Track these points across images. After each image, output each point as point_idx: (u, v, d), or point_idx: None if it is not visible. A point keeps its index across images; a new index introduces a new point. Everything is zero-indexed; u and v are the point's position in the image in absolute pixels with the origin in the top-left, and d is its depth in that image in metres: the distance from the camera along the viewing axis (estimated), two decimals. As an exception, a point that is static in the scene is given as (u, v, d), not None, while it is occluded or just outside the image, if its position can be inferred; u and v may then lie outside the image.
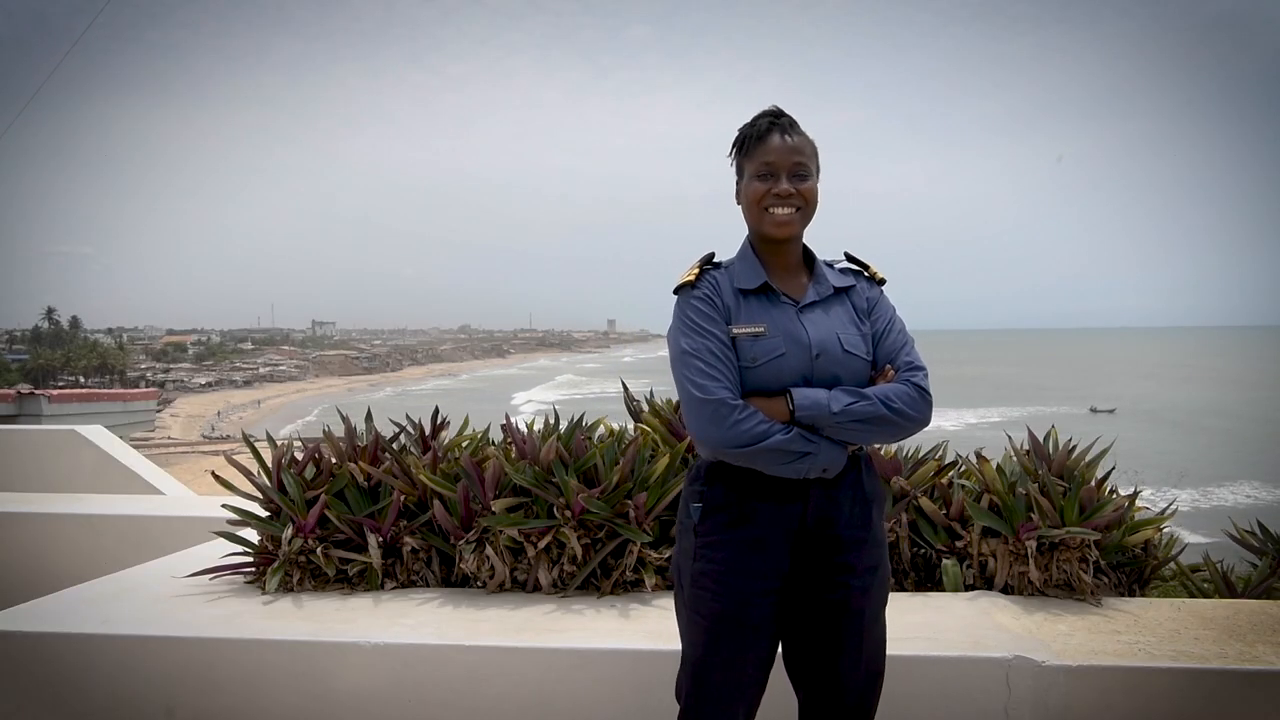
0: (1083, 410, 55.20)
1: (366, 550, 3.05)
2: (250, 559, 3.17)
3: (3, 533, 4.57)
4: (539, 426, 3.29)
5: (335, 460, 3.33)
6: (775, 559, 1.88)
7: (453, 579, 3.12)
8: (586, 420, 3.33)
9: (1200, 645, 2.51)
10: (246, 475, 3.33)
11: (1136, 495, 3.20)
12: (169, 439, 53.31)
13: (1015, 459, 3.26)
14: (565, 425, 3.23)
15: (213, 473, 3.73)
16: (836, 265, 2.08)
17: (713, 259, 2.02)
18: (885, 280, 2.09)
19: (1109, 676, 2.39)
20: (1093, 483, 3.11)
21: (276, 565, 3.04)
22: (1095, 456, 3.23)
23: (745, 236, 2.03)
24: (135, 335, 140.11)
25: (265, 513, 3.23)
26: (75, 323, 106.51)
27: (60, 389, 52.39)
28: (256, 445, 3.62)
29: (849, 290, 2.03)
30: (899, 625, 2.60)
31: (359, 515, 3.12)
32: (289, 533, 3.04)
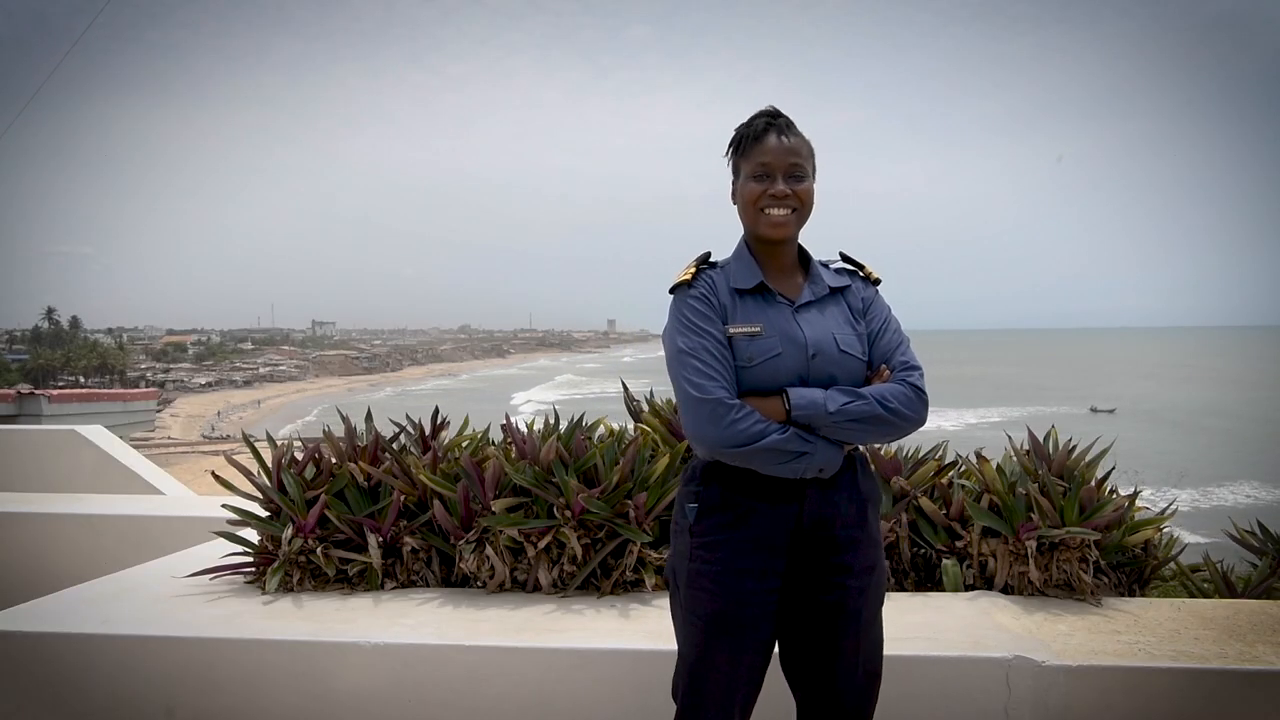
0: (1083, 410, 55.18)
1: (366, 550, 3.05)
2: (250, 559, 3.17)
3: (3, 533, 4.57)
4: (539, 426, 3.29)
5: (335, 460, 3.33)
6: (772, 559, 1.88)
7: (453, 579, 3.12)
8: (586, 420, 3.33)
9: (1200, 645, 2.51)
10: (246, 475, 3.33)
11: (1136, 495, 3.20)
12: (169, 439, 53.30)
13: (1015, 459, 3.26)
14: (565, 425, 3.23)
15: (213, 473, 3.73)
16: (832, 265, 2.08)
17: (709, 258, 2.02)
18: (880, 280, 2.09)
19: (1109, 676, 2.39)
20: (1093, 483, 3.11)
21: (276, 565, 3.04)
22: (1095, 456, 3.23)
23: (741, 236, 2.03)
24: (135, 335, 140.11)
25: (265, 513, 3.23)
26: (75, 323, 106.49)
27: (60, 389, 52.38)
28: (256, 445, 3.62)
29: (844, 290, 2.03)
30: (899, 625, 2.59)
31: (359, 515, 3.12)
32: (289, 533, 3.04)
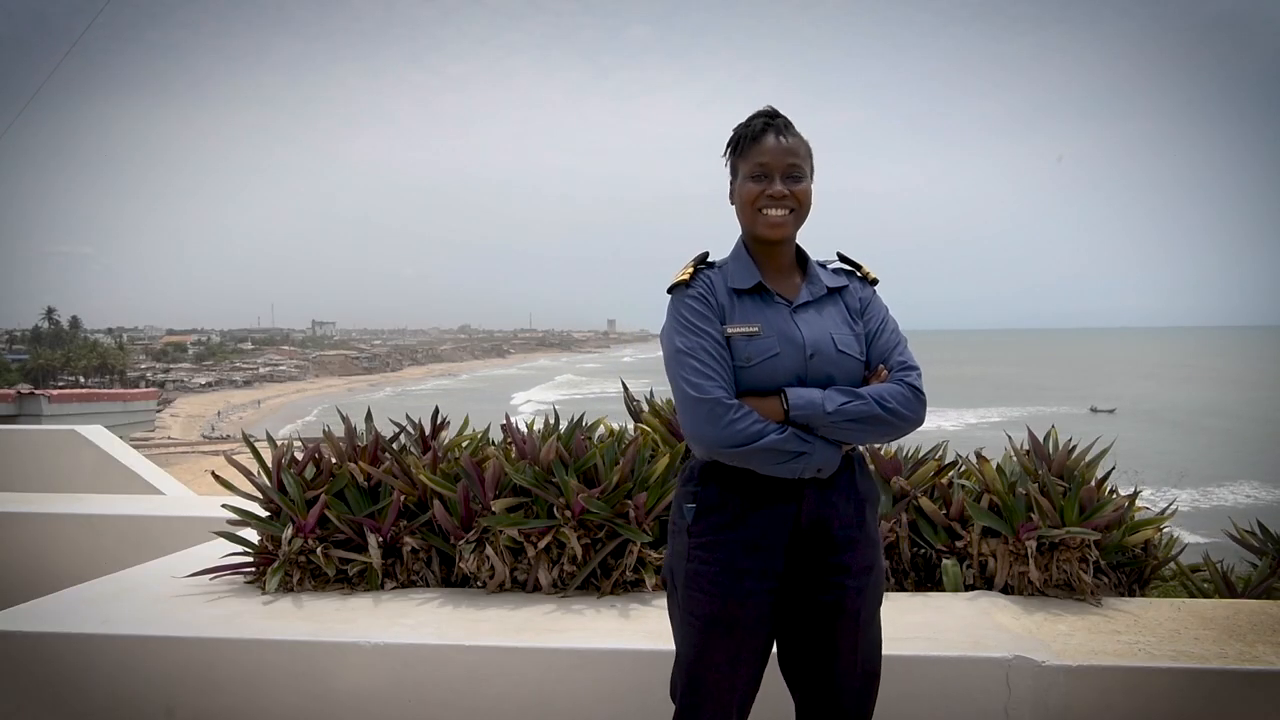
0: (1083, 410, 55.18)
1: (366, 550, 3.05)
2: (250, 559, 3.17)
3: (3, 533, 4.57)
4: (539, 426, 3.29)
5: (335, 460, 3.33)
6: (770, 559, 1.88)
7: (453, 579, 3.12)
8: (586, 420, 3.33)
9: (1200, 645, 2.51)
10: (246, 475, 3.33)
11: (1136, 495, 3.20)
12: (169, 439, 53.30)
13: (1015, 459, 3.25)
14: (565, 425, 3.23)
15: (213, 473, 3.73)
16: (829, 265, 2.08)
17: (706, 258, 2.02)
18: (878, 280, 2.09)
19: (1109, 676, 2.39)
20: (1093, 483, 3.11)
21: (276, 565, 3.04)
22: (1095, 456, 3.23)
23: (739, 236, 2.03)
24: (135, 335, 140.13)
25: (265, 513, 3.23)
26: (75, 323, 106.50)
27: (60, 389, 52.38)
28: (256, 445, 3.62)
29: (842, 290, 2.03)
30: (899, 625, 2.59)
31: (359, 515, 3.12)
32: (289, 533, 3.04)
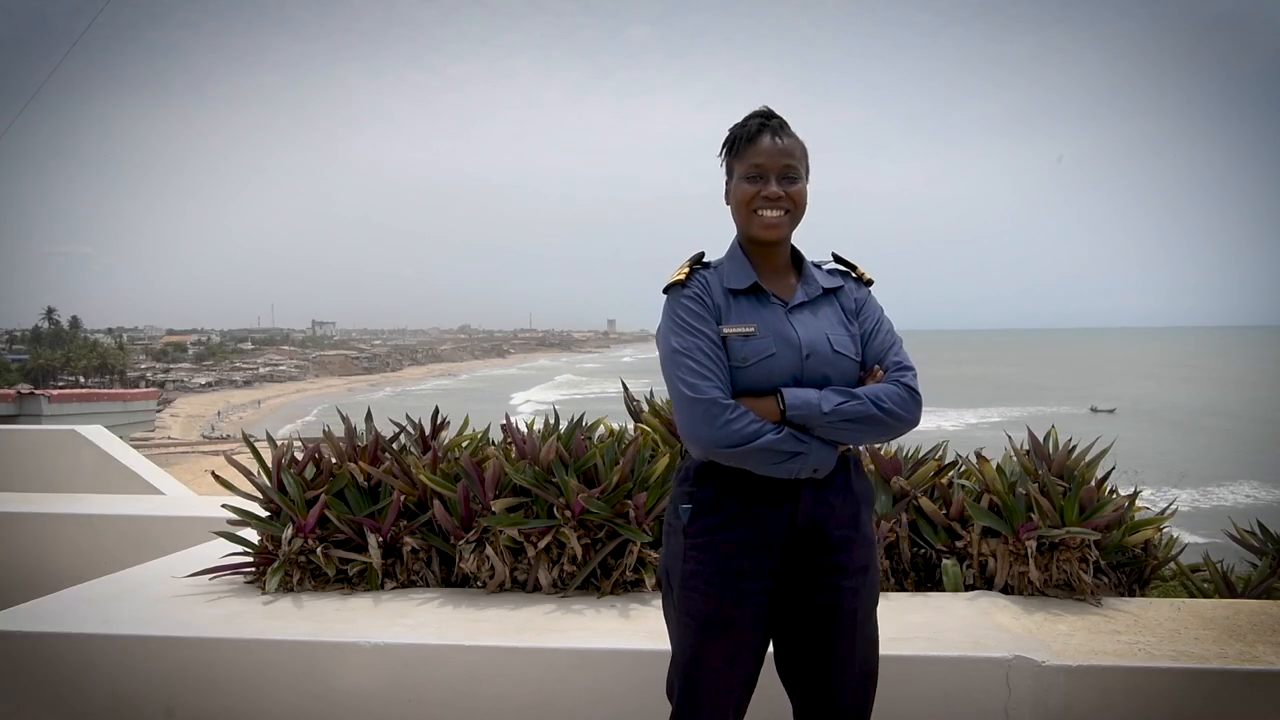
0: (1083, 410, 55.18)
1: (366, 550, 3.05)
2: (250, 559, 3.17)
3: (3, 533, 4.57)
4: (539, 426, 3.29)
5: (335, 460, 3.33)
6: (766, 560, 1.88)
7: (453, 579, 3.12)
8: (586, 420, 3.33)
9: (1200, 645, 2.51)
10: (246, 475, 3.33)
11: (1136, 495, 3.20)
12: (169, 439, 53.31)
13: (1015, 459, 3.25)
14: (565, 425, 3.23)
15: (213, 473, 3.73)
16: (824, 266, 2.09)
17: (702, 258, 2.02)
18: (873, 281, 2.10)
19: (1109, 676, 2.39)
20: (1093, 483, 3.11)
21: (276, 565, 3.04)
22: (1095, 456, 3.23)
23: (734, 237, 2.04)
24: (135, 335, 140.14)
25: (265, 513, 3.23)
26: (75, 323, 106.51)
27: (60, 389, 52.39)
28: (256, 445, 3.62)
29: (837, 291, 2.04)
30: (899, 625, 2.59)
31: (359, 515, 3.12)
32: (289, 533, 3.04)
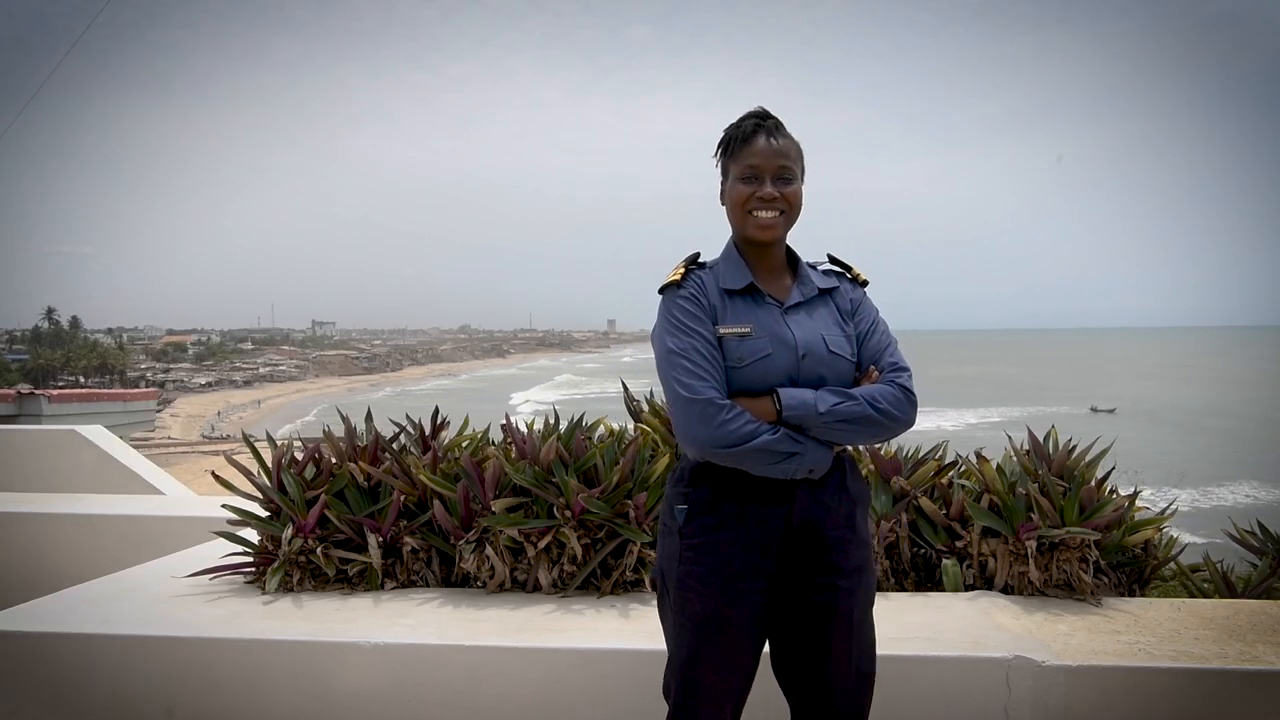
0: (1083, 410, 55.18)
1: (366, 550, 3.05)
2: (250, 559, 3.17)
3: (3, 533, 4.57)
4: (539, 426, 3.29)
5: (335, 460, 3.33)
6: (762, 560, 1.88)
7: (453, 579, 3.12)
8: (586, 420, 3.33)
9: (1200, 645, 2.51)
10: (246, 475, 3.33)
11: (1136, 495, 3.20)
12: (169, 439, 53.30)
13: (1015, 459, 3.25)
14: (565, 425, 3.23)
15: (213, 473, 3.73)
16: (819, 267, 2.09)
17: (697, 259, 2.02)
18: (868, 282, 2.10)
19: (1109, 676, 2.39)
20: (1093, 483, 3.11)
21: (276, 565, 3.04)
22: (1095, 456, 3.22)
23: (729, 237, 2.04)
24: (135, 335, 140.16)
25: (265, 513, 3.23)
26: (75, 323, 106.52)
27: (60, 389, 52.39)
28: (256, 445, 3.62)
29: (832, 292, 2.04)
30: (899, 625, 2.59)
31: (359, 515, 3.12)
32: (289, 533, 3.04)
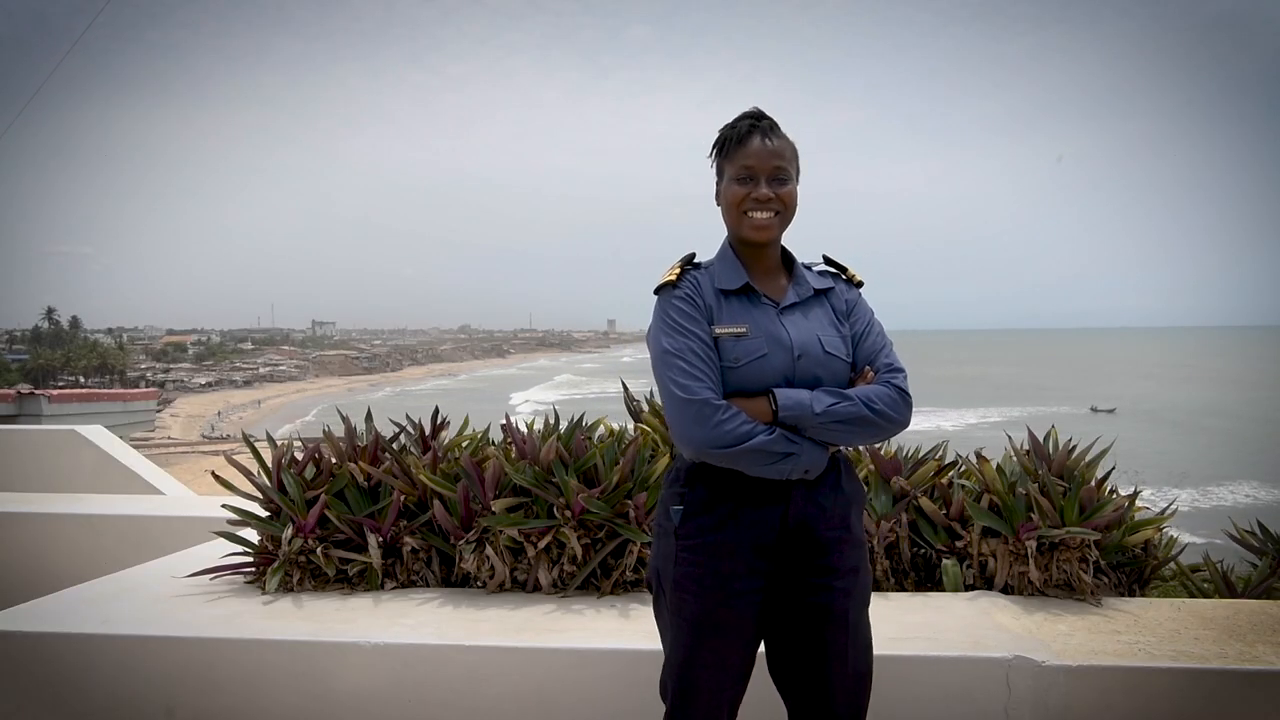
0: (1083, 410, 55.19)
1: (366, 550, 3.05)
2: (250, 559, 3.17)
3: (3, 533, 4.57)
4: (539, 426, 3.29)
5: (335, 460, 3.33)
6: (758, 561, 1.88)
7: (453, 579, 3.12)
8: (586, 420, 3.33)
9: (1200, 645, 2.51)
10: (246, 475, 3.33)
11: (1136, 495, 3.20)
12: (169, 439, 53.31)
13: (1015, 459, 3.25)
14: (565, 425, 3.23)
15: (213, 473, 3.73)
16: (814, 268, 2.09)
17: (693, 259, 2.02)
18: (863, 283, 2.10)
19: (1109, 676, 2.39)
20: (1093, 483, 3.11)
21: (276, 565, 3.04)
22: (1095, 456, 3.22)
23: (725, 238, 2.04)
24: (135, 335, 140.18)
25: (265, 513, 3.23)
26: (75, 323, 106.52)
27: (60, 389, 52.40)
28: (256, 445, 3.62)
29: (828, 292, 2.04)
30: (899, 625, 2.59)
31: (359, 515, 3.12)
32: (289, 533, 3.04)
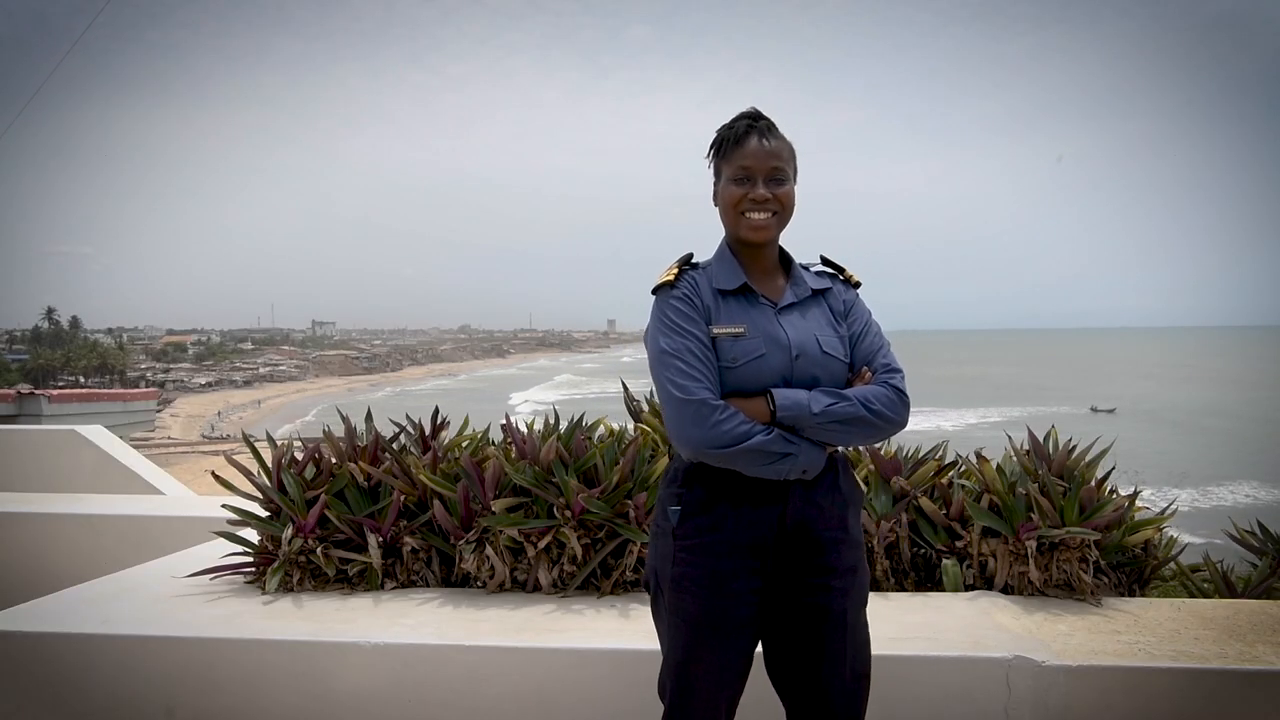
0: (1083, 410, 55.19)
1: (366, 550, 3.05)
2: (250, 559, 3.17)
3: (3, 533, 4.57)
4: (539, 426, 3.29)
5: (335, 460, 3.33)
6: (755, 561, 1.88)
7: (453, 579, 3.12)
8: (586, 420, 3.33)
9: (1200, 645, 2.51)
10: (246, 475, 3.33)
11: (1136, 495, 3.20)
12: (169, 439, 53.31)
13: (1015, 459, 3.25)
14: (565, 425, 3.23)
15: (213, 473, 3.73)
16: (812, 268, 2.09)
17: (691, 259, 2.02)
18: (861, 284, 2.10)
19: (1109, 676, 2.39)
20: (1093, 483, 3.11)
21: (276, 565, 3.04)
22: (1095, 456, 3.23)
23: (723, 238, 2.04)
24: (135, 335, 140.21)
25: (265, 513, 3.23)
26: (75, 323, 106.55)
27: (60, 389, 52.40)
28: (256, 445, 3.62)
29: (825, 293, 2.04)
30: (899, 625, 2.60)
31: (359, 515, 3.12)
32: (289, 533, 3.04)
